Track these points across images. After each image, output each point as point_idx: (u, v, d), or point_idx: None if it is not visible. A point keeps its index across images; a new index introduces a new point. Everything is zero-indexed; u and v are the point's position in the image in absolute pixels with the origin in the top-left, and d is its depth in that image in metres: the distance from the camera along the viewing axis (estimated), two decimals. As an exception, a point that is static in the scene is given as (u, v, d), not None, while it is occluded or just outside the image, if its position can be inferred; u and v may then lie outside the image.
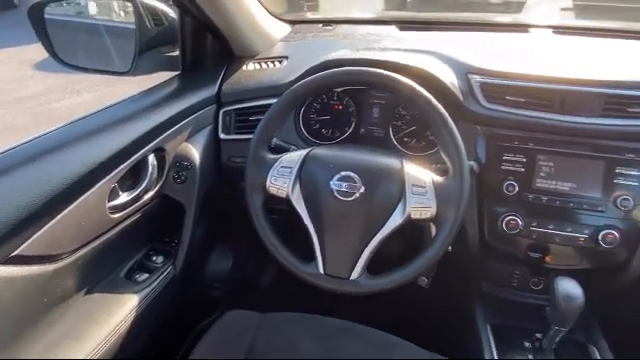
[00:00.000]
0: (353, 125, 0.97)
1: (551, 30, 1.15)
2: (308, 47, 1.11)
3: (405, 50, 0.97)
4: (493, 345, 0.84)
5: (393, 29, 1.18)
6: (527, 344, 0.83)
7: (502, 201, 0.84)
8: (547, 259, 0.85)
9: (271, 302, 1.31)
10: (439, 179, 0.72)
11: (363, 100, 0.98)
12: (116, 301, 0.79)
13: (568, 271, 0.84)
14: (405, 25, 1.20)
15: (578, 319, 0.90)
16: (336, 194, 0.73)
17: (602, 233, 0.80)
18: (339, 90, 0.97)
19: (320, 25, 1.22)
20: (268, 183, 0.77)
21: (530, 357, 0.81)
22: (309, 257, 0.77)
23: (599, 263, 0.83)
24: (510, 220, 0.84)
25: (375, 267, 0.75)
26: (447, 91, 0.85)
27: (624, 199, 0.79)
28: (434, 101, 0.72)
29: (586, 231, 0.81)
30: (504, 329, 0.88)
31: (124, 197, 0.80)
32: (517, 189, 0.83)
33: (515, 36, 1.15)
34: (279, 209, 0.82)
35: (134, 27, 0.94)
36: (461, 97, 0.86)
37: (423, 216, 0.71)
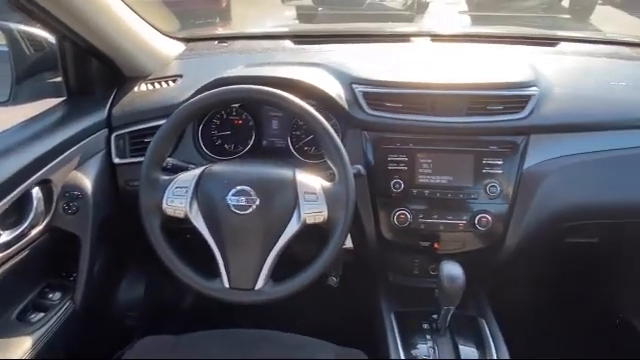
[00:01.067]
0: (254, 138, 1.00)
1: (429, 38, 1.28)
2: (203, 64, 1.12)
3: (297, 64, 1.03)
4: (397, 331, 0.91)
5: (288, 43, 1.23)
6: (425, 326, 0.91)
7: (391, 198, 0.92)
8: (436, 246, 0.94)
9: (194, 323, 1.29)
10: (328, 185, 0.78)
11: (262, 114, 1.01)
12: (7, 346, 0.74)
13: (456, 254, 0.94)
14: (299, 39, 1.26)
15: (469, 296, 1.01)
16: (233, 209, 0.75)
17: (477, 217, 0.90)
18: (236, 105, 1.00)
19: (216, 42, 1.24)
20: (164, 205, 0.77)
21: (428, 337, 0.89)
22: (216, 273, 0.78)
23: (479, 244, 0.94)
24: (400, 215, 0.92)
25: (284, 273, 0.78)
26: (334, 102, 0.91)
27: (492, 186, 0.90)
28: (316, 115, 0.77)
29: (464, 217, 0.91)
30: (407, 315, 0.95)
31: (6, 235, 0.75)
32: (403, 186, 0.91)
33: (398, 46, 1.26)
34: (185, 228, 0.82)
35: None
36: (347, 106, 0.92)
37: (317, 221, 0.76)
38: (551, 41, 1.24)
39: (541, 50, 1.18)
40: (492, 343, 0.88)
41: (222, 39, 1.25)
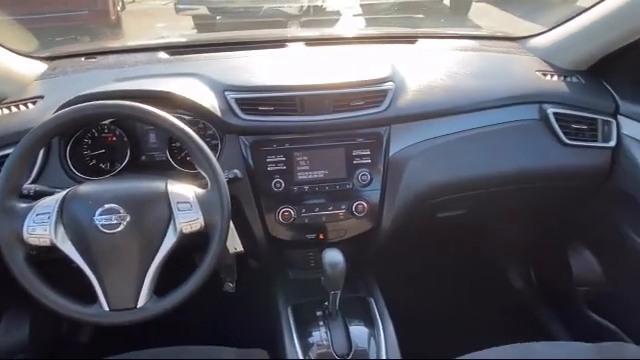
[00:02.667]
0: (129, 154, 0.98)
1: (303, 43, 1.34)
2: (67, 83, 1.07)
3: (170, 75, 1.03)
4: (292, 324, 0.95)
5: (163, 55, 1.21)
6: (319, 313, 0.96)
7: (274, 197, 0.96)
8: (321, 237, 0.99)
9: (98, 350, 1.22)
10: (201, 192, 0.79)
11: (137, 128, 0.99)
12: None
13: (341, 241, 1.01)
14: (175, 50, 1.25)
15: (359, 279, 1.08)
16: (102, 228, 0.73)
17: (354, 205, 0.98)
18: (107, 122, 0.97)
19: (83, 58, 1.19)
20: (25, 235, 0.72)
21: (321, 323, 0.94)
22: (94, 298, 0.75)
23: (360, 229, 1.01)
24: (284, 212, 0.96)
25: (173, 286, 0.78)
26: (207, 111, 0.93)
27: (363, 175, 0.98)
28: (181, 126, 0.78)
29: (343, 207, 0.98)
30: (303, 306, 1.00)
31: None
32: (283, 185, 0.95)
33: (273, 51, 1.30)
34: (57, 256, 0.78)
35: None
36: (220, 114, 0.94)
37: (194, 229, 0.77)
38: (411, 39, 1.37)
39: (403, 48, 1.31)
40: (379, 320, 0.96)
41: (91, 55, 1.20)
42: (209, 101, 0.94)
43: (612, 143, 1.05)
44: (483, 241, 1.39)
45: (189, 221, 0.76)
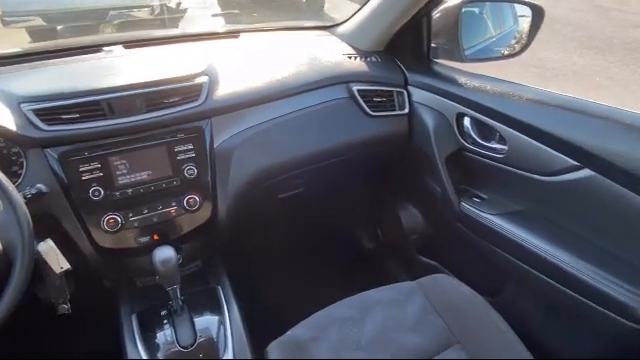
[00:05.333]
0: None
1: (122, 46, 1.30)
2: None
3: None
4: (136, 329, 0.94)
5: None
6: (164, 312, 0.97)
7: (95, 207, 0.92)
8: (155, 238, 0.99)
9: None
10: None
11: None
12: None
13: (178, 238, 1.01)
14: None
15: (210, 270, 1.10)
16: None
17: (185, 200, 0.99)
18: None
19: None
20: None
21: (166, 322, 0.95)
22: None
23: (196, 223, 1.02)
24: (109, 220, 0.93)
25: None
26: (1, 128, 0.85)
27: (189, 169, 0.99)
28: None
29: (173, 203, 0.99)
30: (148, 311, 0.99)
31: None
32: (103, 193, 0.92)
33: (89, 57, 1.24)
34: None
35: None
36: (17, 129, 0.87)
37: None
38: (234, 34, 1.41)
39: (225, 43, 1.35)
40: (225, 306, 1.00)
41: None
42: (2, 117, 0.87)
43: (406, 110, 1.23)
44: (331, 212, 1.51)
45: None
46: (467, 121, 1.13)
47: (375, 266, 1.62)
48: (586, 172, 0.86)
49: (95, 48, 1.30)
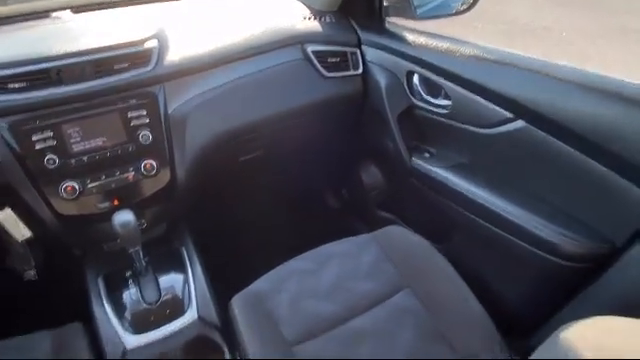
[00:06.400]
0: None
1: (70, 11, 1.26)
2: None
3: None
4: (102, 290, 0.98)
5: None
6: (129, 274, 1.01)
7: (51, 175, 0.94)
8: (116, 203, 1.01)
9: None
10: None
11: None
12: None
13: (139, 203, 1.04)
14: None
15: (174, 233, 1.14)
16: None
17: (142, 165, 1.01)
18: None
19: None
20: None
21: (131, 282, 0.99)
22: None
23: (155, 187, 1.05)
24: (67, 187, 0.95)
25: None
26: None
27: (144, 135, 1.00)
28: None
29: (130, 169, 1.00)
30: (114, 273, 1.03)
31: None
32: (58, 161, 0.93)
33: (36, 23, 1.20)
34: None
35: None
36: None
37: None
38: None
39: (176, 5, 1.32)
40: (189, 264, 1.05)
41: None
42: None
43: (360, 70, 1.25)
44: (294, 174, 1.55)
45: None
46: (416, 78, 1.17)
47: (341, 224, 1.69)
48: (520, 123, 0.92)
49: (43, 14, 1.27)
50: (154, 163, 1.02)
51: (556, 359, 0.56)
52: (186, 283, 1.01)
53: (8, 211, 0.90)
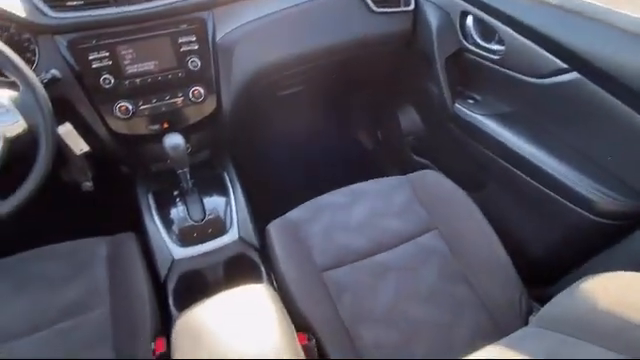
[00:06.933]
0: None
1: None
2: None
3: None
4: (152, 205, 1.07)
5: None
6: (176, 193, 1.08)
7: (107, 94, 0.99)
8: (165, 126, 1.06)
9: None
10: (15, 94, 0.80)
11: None
12: None
13: (186, 128, 1.08)
14: None
15: (216, 158, 1.20)
16: None
17: (191, 92, 1.04)
18: None
19: None
20: None
21: (179, 200, 1.07)
22: None
23: (202, 114, 1.09)
24: (121, 107, 1.00)
25: None
26: (10, 14, 0.88)
27: (193, 61, 1.03)
28: None
29: (180, 94, 1.04)
30: (163, 191, 1.11)
31: None
32: (113, 81, 0.98)
33: None
34: None
35: None
36: (26, 15, 0.90)
37: (19, 131, 0.80)
38: None
39: None
40: (231, 188, 1.11)
41: None
42: (10, 3, 0.89)
43: (411, 6, 1.20)
44: (331, 114, 1.57)
45: (10, 124, 0.78)
46: (470, 20, 1.12)
47: (373, 166, 1.72)
48: (573, 75, 0.88)
49: None
50: (202, 90, 1.05)
51: (574, 306, 0.59)
52: (228, 205, 1.08)
53: (68, 126, 0.96)
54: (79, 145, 0.99)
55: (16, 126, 0.79)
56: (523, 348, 0.56)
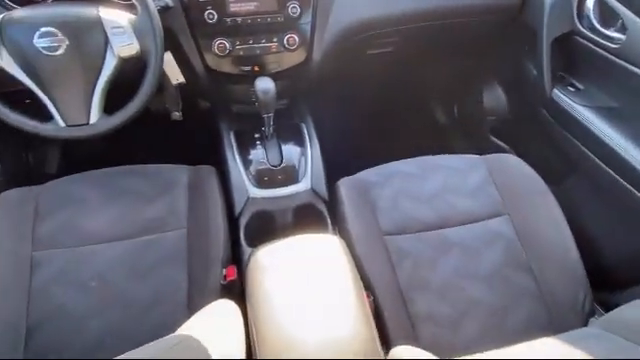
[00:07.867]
0: None
1: None
2: None
3: None
4: (234, 145, 1.11)
5: None
6: (257, 135, 1.12)
7: (208, 29, 1.01)
8: (256, 69, 1.08)
9: None
10: (133, 17, 0.84)
11: None
12: None
13: (275, 74, 1.10)
14: None
15: (295, 108, 1.22)
16: (43, 51, 0.80)
17: (286, 38, 1.05)
18: None
19: None
20: None
21: (258, 143, 1.11)
22: (50, 116, 0.86)
23: (292, 62, 1.09)
24: (219, 44, 1.03)
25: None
26: None
27: (293, 7, 1.03)
28: None
29: (275, 39, 1.05)
30: (244, 132, 1.15)
31: None
32: (216, 16, 1.00)
33: None
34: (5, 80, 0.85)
35: None
36: None
37: (132, 53, 0.85)
38: None
39: None
40: (308, 139, 1.13)
41: None
42: None
43: None
44: (411, 81, 1.52)
45: (125, 45, 0.84)
46: (591, 1, 1.03)
47: (445, 140, 1.68)
48: None
49: None
50: (296, 38, 1.05)
51: (631, 322, 0.56)
52: (303, 156, 1.11)
53: (169, 55, 1.01)
54: (176, 75, 1.04)
55: (130, 47, 0.84)
56: (584, 346, 0.55)
